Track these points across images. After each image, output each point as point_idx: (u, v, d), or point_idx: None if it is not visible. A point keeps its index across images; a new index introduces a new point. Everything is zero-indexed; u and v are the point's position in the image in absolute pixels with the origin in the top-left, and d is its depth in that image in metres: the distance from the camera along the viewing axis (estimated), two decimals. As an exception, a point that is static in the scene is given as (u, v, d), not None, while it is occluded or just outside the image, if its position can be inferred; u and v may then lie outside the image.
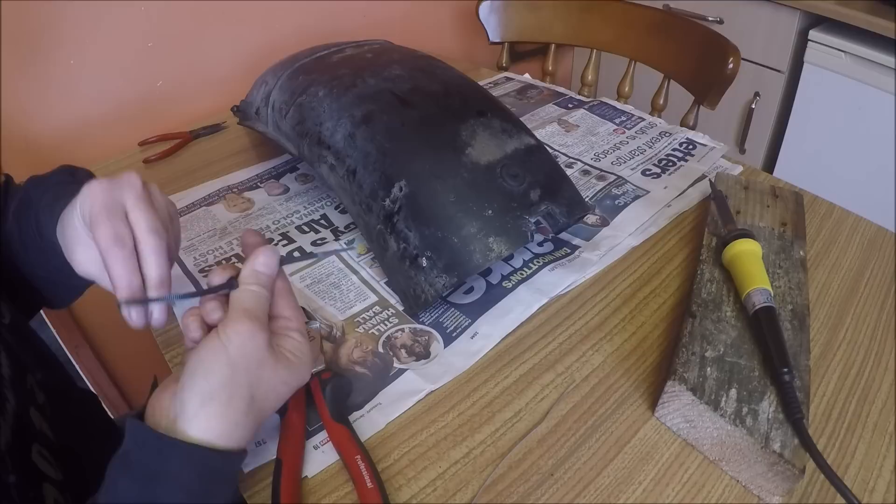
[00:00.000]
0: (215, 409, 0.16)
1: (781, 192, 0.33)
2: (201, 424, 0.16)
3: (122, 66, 0.47)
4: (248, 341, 0.17)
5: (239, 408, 0.17)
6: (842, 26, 0.60)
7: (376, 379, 0.24)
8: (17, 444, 0.18)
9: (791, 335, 0.23)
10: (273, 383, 0.17)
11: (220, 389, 0.16)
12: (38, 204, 0.23)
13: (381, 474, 0.21)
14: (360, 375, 0.24)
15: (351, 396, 0.24)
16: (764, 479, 0.20)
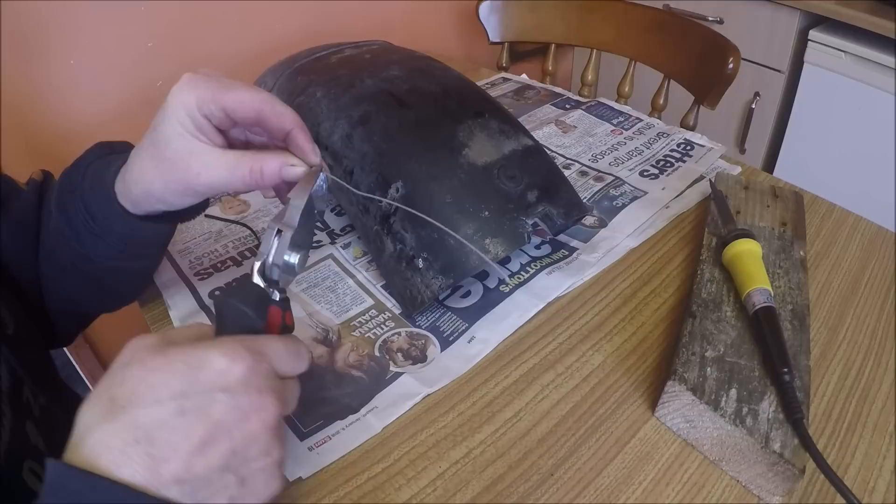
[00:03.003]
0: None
1: (781, 191, 0.33)
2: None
3: (122, 67, 0.47)
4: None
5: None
6: (842, 26, 0.60)
7: (372, 383, 0.24)
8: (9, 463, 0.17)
9: (791, 335, 0.23)
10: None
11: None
12: (81, 187, 0.21)
13: (381, 474, 0.21)
14: (357, 379, 0.24)
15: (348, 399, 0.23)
16: (764, 480, 0.20)
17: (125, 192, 0.20)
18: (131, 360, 0.14)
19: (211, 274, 0.30)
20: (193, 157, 0.18)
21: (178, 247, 0.32)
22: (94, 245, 0.21)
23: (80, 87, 0.45)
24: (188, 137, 0.18)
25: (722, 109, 0.50)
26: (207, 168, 0.18)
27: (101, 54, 0.45)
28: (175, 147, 0.18)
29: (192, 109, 0.18)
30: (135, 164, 0.19)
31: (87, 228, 0.21)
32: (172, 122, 0.18)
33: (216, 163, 0.18)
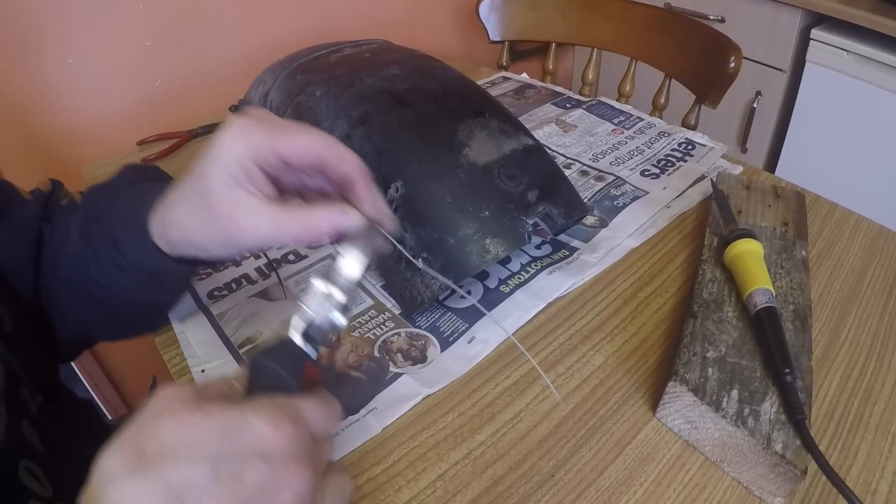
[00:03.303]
0: None
1: (783, 191, 0.33)
2: None
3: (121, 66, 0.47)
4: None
5: None
6: (844, 25, 0.60)
7: (372, 383, 0.24)
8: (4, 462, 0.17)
9: (793, 335, 0.23)
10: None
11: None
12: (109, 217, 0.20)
13: (380, 476, 0.21)
14: (356, 380, 0.24)
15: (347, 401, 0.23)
16: (766, 481, 0.20)
17: (162, 234, 0.19)
18: (164, 411, 0.13)
19: (210, 274, 0.30)
20: (241, 211, 0.16)
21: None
22: (118, 277, 0.20)
23: (78, 86, 0.45)
24: (236, 189, 0.16)
25: (723, 109, 0.50)
26: (255, 224, 0.16)
27: (100, 53, 0.45)
28: (221, 199, 0.16)
29: (243, 160, 0.16)
30: (175, 210, 0.18)
31: (112, 260, 0.20)
32: (220, 173, 0.16)
33: (265, 219, 0.16)
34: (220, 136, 0.16)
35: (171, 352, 0.26)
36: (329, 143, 0.16)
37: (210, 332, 0.26)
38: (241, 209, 0.16)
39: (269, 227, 0.16)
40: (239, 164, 0.16)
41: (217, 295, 0.29)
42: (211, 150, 0.16)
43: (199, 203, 0.17)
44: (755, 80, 0.70)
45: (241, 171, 0.16)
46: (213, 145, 0.16)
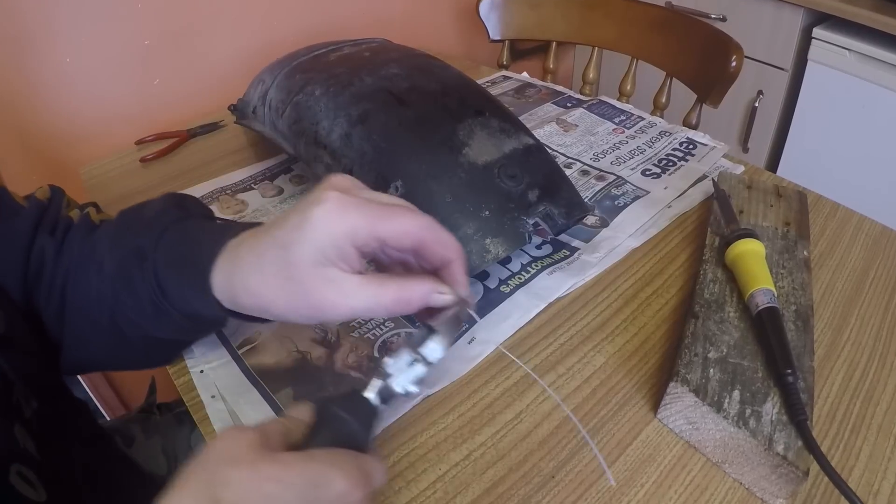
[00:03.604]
0: None
1: (785, 191, 0.33)
2: None
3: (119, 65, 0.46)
4: None
5: None
6: (846, 24, 0.60)
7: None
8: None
9: (795, 336, 0.23)
10: None
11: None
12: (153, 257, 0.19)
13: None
14: (356, 380, 0.24)
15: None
16: (767, 482, 0.20)
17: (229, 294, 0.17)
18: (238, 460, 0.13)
19: None
20: (333, 287, 0.15)
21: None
22: (155, 318, 0.20)
23: (76, 85, 0.45)
24: (328, 266, 0.15)
25: (725, 108, 0.50)
26: (347, 298, 0.15)
27: (98, 52, 0.45)
28: (310, 274, 0.15)
29: (340, 240, 0.15)
30: (252, 278, 0.16)
31: (153, 301, 0.19)
32: (311, 250, 0.15)
33: (357, 293, 0.15)
34: (313, 210, 0.15)
35: (169, 352, 0.26)
36: (430, 225, 0.16)
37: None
38: (333, 285, 0.15)
39: (363, 302, 0.16)
40: (334, 244, 0.15)
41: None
42: (302, 222, 0.15)
43: (283, 275, 0.16)
44: (757, 80, 0.70)
45: (334, 251, 0.15)
46: (305, 218, 0.15)
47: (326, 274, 0.15)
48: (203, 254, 0.18)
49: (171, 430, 0.33)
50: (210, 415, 0.23)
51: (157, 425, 0.33)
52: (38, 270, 0.21)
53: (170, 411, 0.34)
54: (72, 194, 0.26)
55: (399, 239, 0.16)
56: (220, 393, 0.24)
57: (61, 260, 0.21)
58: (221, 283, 0.18)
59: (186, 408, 0.24)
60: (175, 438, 0.32)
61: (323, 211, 0.15)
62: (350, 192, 0.16)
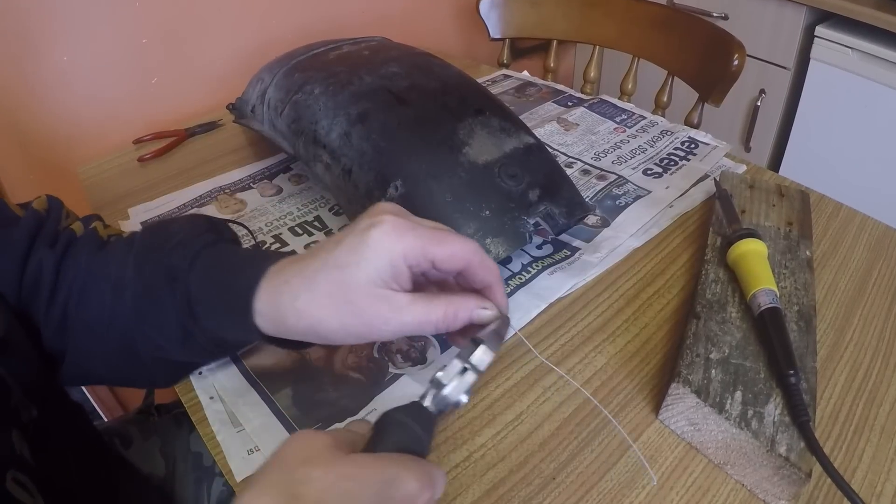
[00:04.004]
0: None
1: (787, 190, 0.32)
2: None
3: (117, 63, 0.46)
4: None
5: None
6: (849, 22, 0.59)
7: (371, 385, 0.24)
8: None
9: (797, 336, 0.23)
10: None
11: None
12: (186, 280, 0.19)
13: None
14: (355, 381, 0.24)
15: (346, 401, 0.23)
16: (770, 483, 0.20)
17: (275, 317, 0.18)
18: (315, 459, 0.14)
19: None
20: (385, 304, 0.17)
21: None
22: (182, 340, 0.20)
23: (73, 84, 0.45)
24: (382, 285, 0.17)
25: (727, 107, 0.49)
26: (399, 314, 0.17)
27: (95, 51, 0.45)
28: (366, 292, 0.16)
29: (397, 260, 0.16)
30: (304, 298, 0.17)
31: (181, 324, 0.19)
32: (370, 269, 0.16)
33: (409, 309, 0.17)
34: (371, 232, 0.16)
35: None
36: (476, 250, 0.17)
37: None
38: (387, 303, 0.17)
39: (414, 317, 0.17)
40: (390, 264, 0.16)
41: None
42: (359, 244, 0.16)
43: (337, 295, 0.17)
44: (759, 78, 0.70)
45: (389, 271, 0.16)
46: (363, 240, 0.16)
47: (380, 292, 0.16)
48: (242, 280, 0.18)
49: (169, 432, 0.33)
50: (208, 416, 0.23)
51: (156, 427, 0.33)
52: (34, 283, 0.21)
53: (168, 413, 0.34)
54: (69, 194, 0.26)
55: (449, 261, 0.17)
56: (218, 394, 0.24)
57: (65, 274, 0.21)
58: (265, 308, 0.18)
59: (185, 409, 0.24)
60: (173, 440, 0.32)
61: (381, 233, 0.16)
62: (401, 216, 0.17)
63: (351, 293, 0.16)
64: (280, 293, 0.18)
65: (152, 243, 0.21)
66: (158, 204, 0.36)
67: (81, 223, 0.23)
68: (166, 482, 0.30)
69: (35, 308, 0.21)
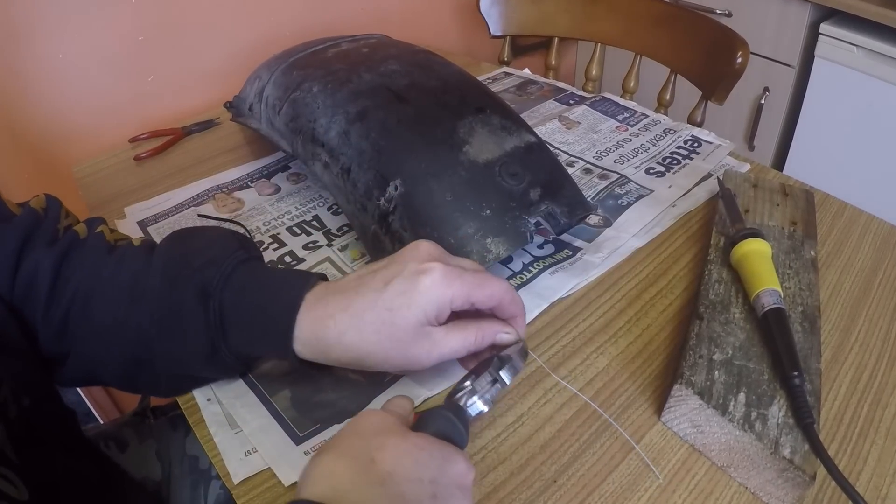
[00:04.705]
0: None
1: (791, 190, 0.32)
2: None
3: (112, 61, 0.46)
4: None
5: None
6: (854, 19, 0.59)
7: (371, 385, 0.24)
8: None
9: (801, 337, 0.23)
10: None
11: None
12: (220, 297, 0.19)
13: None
14: (354, 382, 0.24)
15: (345, 402, 0.23)
16: (773, 486, 0.20)
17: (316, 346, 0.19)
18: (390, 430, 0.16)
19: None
20: (427, 340, 0.19)
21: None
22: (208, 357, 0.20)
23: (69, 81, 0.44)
24: (426, 324, 0.19)
25: (730, 105, 0.49)
26: (439, 347, 0.19)
27: (91, 48, 0.44)
28: (412, 332, 0.19)
29: (444, 305, 0.19)
30: (351, 334, 0.19)
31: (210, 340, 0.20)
32: (419, 314, 0.18)
33: (447, 340, 0.19)
34: (422, 280, 0.18)
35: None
36: (509, 289, 0.20)
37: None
38: (428, 339, 0.19)
39: (451, 346, 0.19)
40: (438, 308, 0.19)
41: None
42: (410, 290, 0.18)
43: (385, 334, 0.19)
44: (763, 76, 0.69)
45: (435, 313, 0.19)
46: (414, 287, 0.18)
47: (424, 331, 0.19)
48: (281, 305, 0.19)
49: (165, 435, 0.32)
50: (206, 418, 0.23)
51: (152, 429, 0.33)
52: (30, 282, 0.20)
53: (164, 415, 0.34)
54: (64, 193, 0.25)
55: (488, 302, 0.20)
56: (215, 396, 0.23)
57: (68, 276, 0.21)
58: (307, 337, 0.19)
59: (181, 411, 0.23)
60: (169, 443, 0.32)
61: (432, 281, 0.18)
62: (445, 261, 0.19)
63: (399, 333, 0.18)
64: (325, 326, 0.19)
65: (181, 256, 0.21)
66: (155, 203, 0.36)
67: (85, 225, 0.23)
68: (162, 486, 0.30)
69: (31, 307, 0.21)
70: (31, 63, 0.42)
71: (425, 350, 0.19)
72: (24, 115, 0.43)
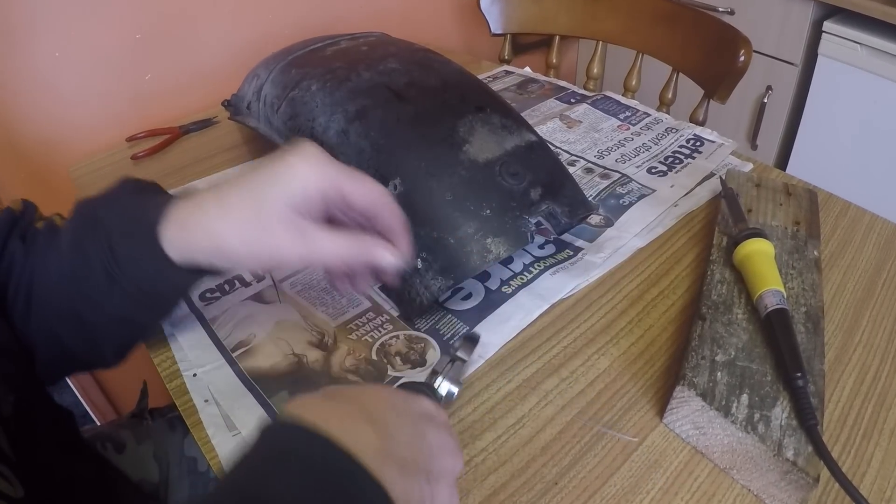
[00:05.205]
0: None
1: (795, 189, 0.32)
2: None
3: (110, 59, 0.46)
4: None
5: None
6: (857, 17, 0.59)
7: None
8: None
9: (805, 338, 0.23)
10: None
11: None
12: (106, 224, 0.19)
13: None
14: (353, 384, 0.24)
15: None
16: (776, 489, 0.20)
17: (183, 239, 0.18)
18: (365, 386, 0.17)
19: (218, 298, 0.28)
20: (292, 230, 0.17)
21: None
22: (108, 287, 0.19)
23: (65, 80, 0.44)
24: (293, 213, 0.17)
25: (733, 104, 0.49)
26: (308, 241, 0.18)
27: (88, 46, 0.44)
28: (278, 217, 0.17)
29: (311, 189, 0.17)
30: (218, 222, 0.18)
31: (105, 269, 0.19)
32: (284, 193, 0.17)
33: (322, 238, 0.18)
34: (292, 160, 0.17)
35: (161, 356, 0.26)
36: (386, 193, 0.19)
37: (202, 335, 0.26)
38: (295, 230, 0.17)
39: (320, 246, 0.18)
40: (304, 191, 0.17)
41: (209, 297, 0.28)
42: (279, 172, 0.17)
43: (249, 216, 0.17)
44: (766, 75, 0.69)
45: (304, 200, 0.17)
46: (282, 167, 0.17)
47: (292, 217, 0.17)
48: (151, 211, 0.19)
49: (162, 436, 0.32)
50: (203, 419, 0.23)
51: (149, 431, 0.32)
52: (8, 271, 0.21)
53: (161, 416, 0.34)
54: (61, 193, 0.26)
55: (361, 198, 0.18)
56: (213, 397, 0.23)
57: (28, 261, 0.21)
58: (174, 231, 0.18)
59: (179, 413, 0.23)
60: (167, 444, 0.32)
61: (300, 160, 0.17)
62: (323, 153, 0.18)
63: (263, 213, 0.17)
64: (190, 213, 0.18)
65: (83, 205, 0.21)
66: (155, 202, 0.36)
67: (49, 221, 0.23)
68: (160, 488, 0.30)
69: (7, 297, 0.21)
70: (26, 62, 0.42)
71: (289, 240, 0.17)
72: (21, 114, 0.43)
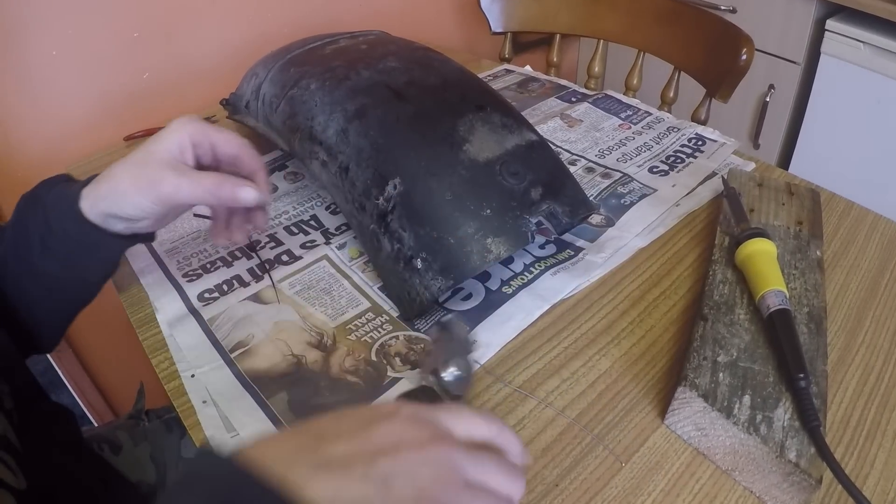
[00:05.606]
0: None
1: (797, 189, 0.32)
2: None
3: (107, 58, 0.45)
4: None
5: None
6: (860, 15, 0.58)
7: (369, 388, 0.24)
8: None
9: (807, 339, 0.23)
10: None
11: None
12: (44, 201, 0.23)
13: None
14: (353, 385, 0.24)
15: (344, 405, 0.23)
16: (779, 490, 0.19)
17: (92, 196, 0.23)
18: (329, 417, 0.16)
19: (200, 275, 0.29)
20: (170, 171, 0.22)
21: (165, 247, 0.31)
22: (42, 257, 0.23)
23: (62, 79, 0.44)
24: (172, 159, 0.23)
25: (735, 103, 0.49)
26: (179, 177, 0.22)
27: (85, 45, 0.44)
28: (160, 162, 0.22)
29: (184, 139, 0.23)
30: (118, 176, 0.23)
31: (41, 239, 0.23)
32: (166, 145, 0.23)
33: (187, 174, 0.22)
34: (171, 125, 0.23)
35: (159, 356, 0.25)
36: (247, 144, 0.24)
37: (200, 336, 0.26)
38: (173, 170, 0.22)
39: (188, 179, 0.22)
40: (179, 141, 0.23)
41: (208, 297, 0.28)
42: (161, 133, 0.23)
43: (138, 161, 0.23)
44: (768, 73, 0.68)
45: (178, 146, 0.23)
46: (164, 129, 0.23)
47: (170, 161, 0.23)
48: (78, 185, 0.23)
49: (159, 438, 0.32)
50: (201, 421, 0.23)
51: (146, 432, 0.32)
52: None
53: (158, 418, 0.34)
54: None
55: (225, 145, 0.24)
56: (211, 398, 0.23)
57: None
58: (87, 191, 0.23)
59: (176, 414, 0.23)
60: (164, 446, 0.32)
61: (177, 122, 0.23)
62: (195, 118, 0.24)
63: (149, 159, 0.23)
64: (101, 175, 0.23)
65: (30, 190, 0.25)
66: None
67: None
68: (157, 489, 0.30)
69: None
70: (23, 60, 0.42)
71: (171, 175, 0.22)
72: (17, 113, 0.43)
